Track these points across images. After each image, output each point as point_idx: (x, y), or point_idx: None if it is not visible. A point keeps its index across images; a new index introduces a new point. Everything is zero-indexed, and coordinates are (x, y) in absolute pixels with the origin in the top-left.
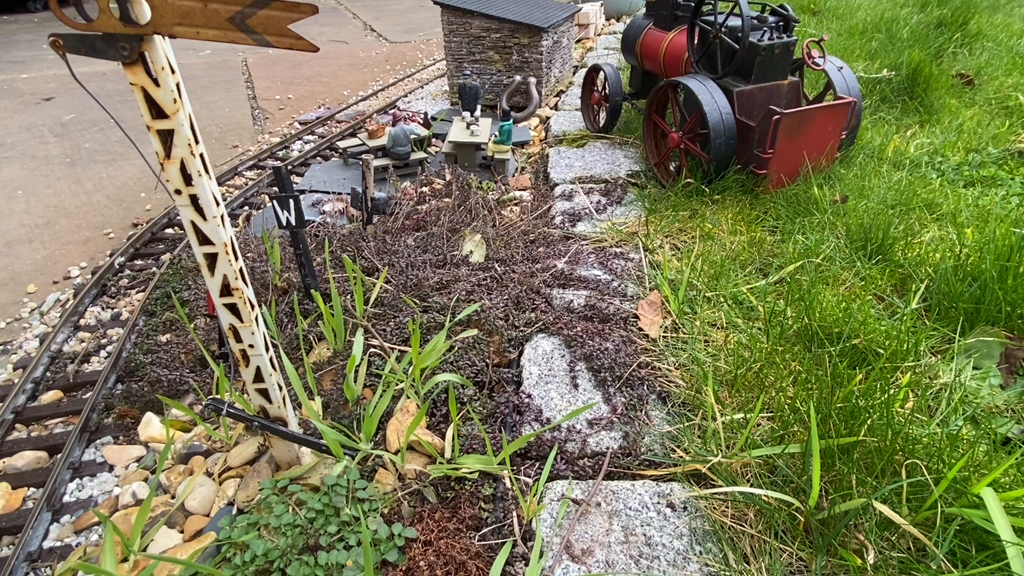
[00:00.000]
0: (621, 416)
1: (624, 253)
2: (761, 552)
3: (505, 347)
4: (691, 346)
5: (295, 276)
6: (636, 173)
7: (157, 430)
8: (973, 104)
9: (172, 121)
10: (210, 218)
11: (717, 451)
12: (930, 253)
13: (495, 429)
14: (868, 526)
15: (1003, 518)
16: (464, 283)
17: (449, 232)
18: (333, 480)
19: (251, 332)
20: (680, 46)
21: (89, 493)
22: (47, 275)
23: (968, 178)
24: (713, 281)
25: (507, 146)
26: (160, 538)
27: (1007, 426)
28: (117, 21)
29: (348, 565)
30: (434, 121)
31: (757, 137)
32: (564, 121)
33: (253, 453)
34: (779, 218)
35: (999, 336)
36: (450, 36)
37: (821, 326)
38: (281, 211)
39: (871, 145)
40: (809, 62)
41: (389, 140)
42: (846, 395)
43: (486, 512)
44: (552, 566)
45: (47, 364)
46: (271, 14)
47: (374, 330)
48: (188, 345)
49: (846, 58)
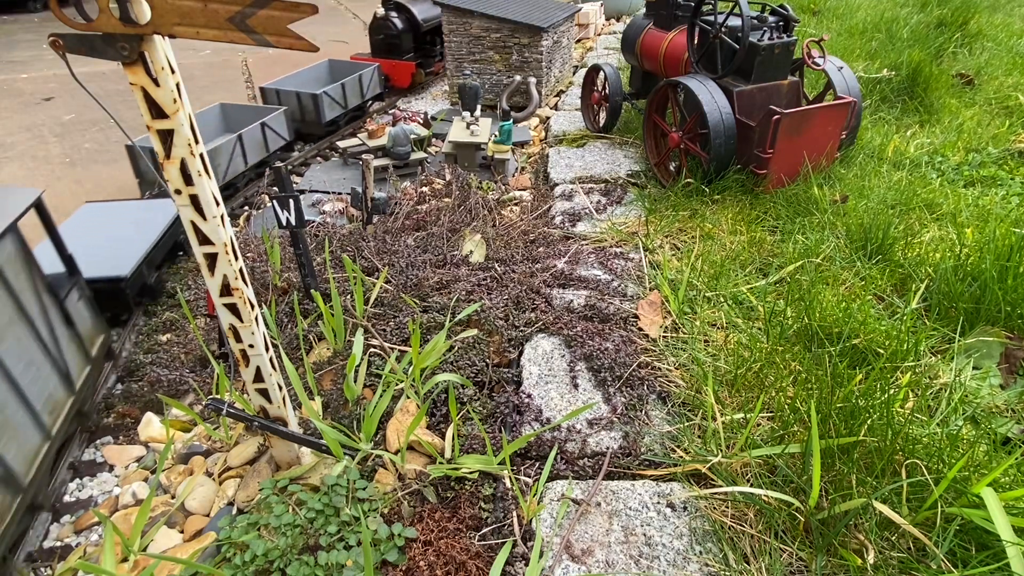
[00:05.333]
0: (621, 416)
1: (624, 253)
2: (761, 552)
3: (505, 347)
4: (691, 346)
5: (295, 276)
6: (636, 173)
7: (157, 430)
8: (973, 104)
9: (172, 121)
10: (210, 218)
11: (717, 451)
12: (930, 253)
13: (495, 429)
14: (868, 526)
15: (1003, 518)
16: (464, 283)
17: (449, 232)
18: (333, 480)
19: (251, 332)
20: (680, 46)
21: (89, 493)
22: None
23: (968, 178)
24: (713, 281)
25: (507, 146)
26: (160, 538)
27: (1007, 426)
28: (117, 21)
29: (348, 565)
30: (434, 121)
31: (757, 137)
32: (564, 121)
33: (253, 453)
34: (779, 218)
35: (999, 336)
36: (450, 36)
37: (821, 326)
38: (281, 211)
39: (871, 145)
40: (809, 62)
41: (389, 140)
42: (846, 395)
43: (486, 512)
44: (552, 566)
45: None
46: (271, 14)
47: (374, 330)
48: (188, 345)
49: (846, 58)
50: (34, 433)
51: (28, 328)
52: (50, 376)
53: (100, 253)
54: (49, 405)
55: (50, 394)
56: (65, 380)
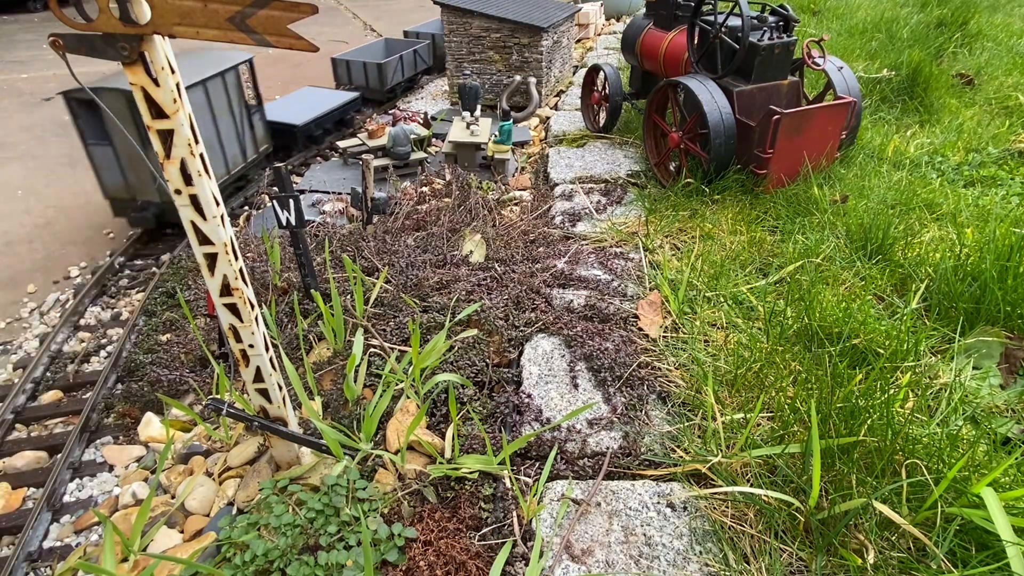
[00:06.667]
0: (621, 416)
1: (624, 253)
2: (761, 552)
3: (505, 347)
4: (691, 346)
5: (295, 276)
6: (636, 173)
7: (157, 430)
8: (973, 104)
9: (172, 121)
10: (210, 218)
11: (717, 451)
12: (930, 253)
13: (495, 429)
14: (868, 526)
15: (1003, 518)
16: (464, 283)
17: (449, 232)
18: (333, 480)
19: (251, 332)
20: (680, 46)
21: (89, 493)
22: (47, 275)
23: (968, 178)
24: (713, 281)
25: (507, 146)
26: (160, 538)
27: (1007, 426)
28: (117, 21)
29: (348, 565)
30: (434, 121)
31: (757, 137)
32: (564, 121)
33: (253, 453)
34: (779, 218)
35: (999, 336)
36: (450, 36)
37: (821, 326)
38: (281, 211)
39: (871, 145)
40: (809, 62)
41: (389, 140)
42: (846, 395)
43: (486, 512)
44: (552, 566)
45: (47, 364)
46: (271, 14)
47: (374, 330)
48: (188, 345)
49: (846, 58)
50: (221, 167)
51: (233, 119)
52: (236, 146)
53: (293, 110)
54: (232, 160)
55: (234, 155)
56: (242, 153)
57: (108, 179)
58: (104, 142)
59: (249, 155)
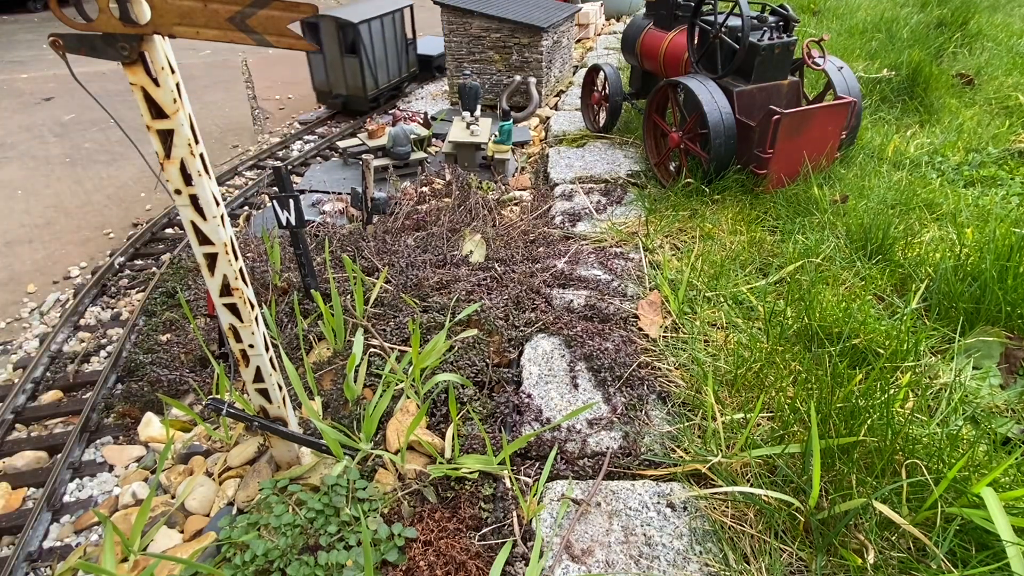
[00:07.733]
0: (621, 416)
1: (624, 253)
2: (761, 552)
3: (505, 347)
4: (691, 346)
5: (295, 276)
6: (636, 173)
7: (157, 430)
8: (973, 104)
9: (172, 121)
10: (210, 218)
11: (717, 451)
12: (930, 253)
13: (495, 429)
14: (868, 526)
15: (1003, 518)
16: (464, 283)
17: (449, 232)
18: (333, 480)
19: (251, 332)
20: (680, 46)
21: (89, 493)
22: (47, 275)
23: (968, 178)
24: (713, 281)
25: (507, 146)
26: (160, 538)
27: (1007, 426)
28: (117, 21)
29: (348, 565)
30: (434, 121)
31: (757, 137)
32: (564, 121)
33: (253, 453)
34: (779, 218)
35: (999, 336)
36: (450, 36)
37: (821, 326)
38: (281, 211)
39: (871, 145)
40: (809, 62)
41: (389, 140)
42: (846, 395)
43: (486, 512)
44: (552, 566)
45: (47, 364)
46: (271, 14)
47: (374, 330)
48: (188, 345)
49: (846, 58)
50: (385, 76)
51: (396, 45)
52: (396, 64)
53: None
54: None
55: (395, 70)
56: (399, 68)
57: (316, 77)
58: (318, 52)
59: (403, 72)
